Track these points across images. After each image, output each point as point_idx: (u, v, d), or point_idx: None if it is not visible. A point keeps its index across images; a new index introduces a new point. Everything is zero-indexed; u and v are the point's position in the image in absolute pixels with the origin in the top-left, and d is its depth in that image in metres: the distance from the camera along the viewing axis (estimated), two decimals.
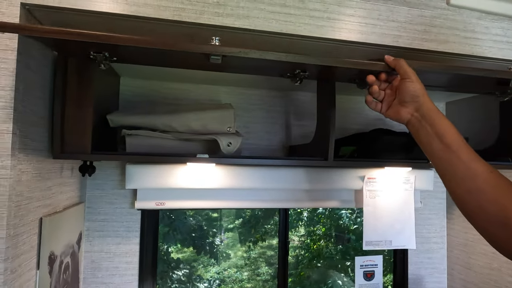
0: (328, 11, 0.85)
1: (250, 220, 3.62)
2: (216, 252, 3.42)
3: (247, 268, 3.53)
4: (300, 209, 3.46)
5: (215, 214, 3.39)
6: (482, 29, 0.96)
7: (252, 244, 3.54)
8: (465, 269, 1.50)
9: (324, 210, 3.54)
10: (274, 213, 3.36)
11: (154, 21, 0.77)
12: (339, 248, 3.54)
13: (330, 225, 3.57)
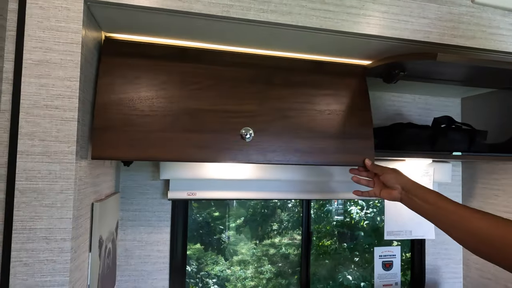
0: (364, 8, 0.90)
1: (257, 218, 3.66)
2: (223, 249, 3.47)
3: (250, 266, 3.57)
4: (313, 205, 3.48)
5: (217, 213, 3.40)
6: (507, 25, 1.01)
7: (258, 241, 3.57)
8: (481, 259, 1.55)
9: (332, 207, 3.57)
10: (277, 211, 3.40)
11: (204, 17, 0.82)
12: (346, 245, 3.58)
13: (339, 222, 3.60)
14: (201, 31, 0.90)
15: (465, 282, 1.64)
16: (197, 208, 3.18)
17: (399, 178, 0.98)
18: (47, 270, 0.71)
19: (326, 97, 1.05)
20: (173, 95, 0.93)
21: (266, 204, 3.49)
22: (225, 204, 3.46)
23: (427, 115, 1.57)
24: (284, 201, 3.41)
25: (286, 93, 1.02)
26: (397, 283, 1.60)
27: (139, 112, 0.90)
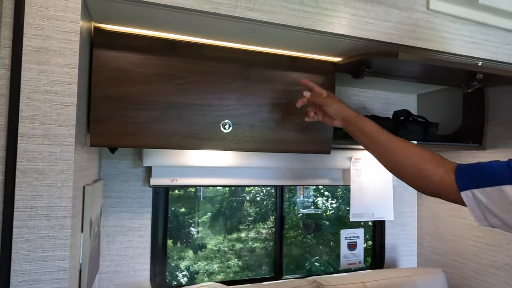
0: (337, 10, 1.01)
1: (225, 213, 3.73)
2: (192, 242, 3.50)
3: (217, 260, 3.64)
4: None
5: (183, 209, 3.41)
6: (455, 30, 1.17)
7: (225, 235, 3.61)
8: (433, 237, 1.75)
9: (298, 199, 3.72)
10: (244, 205, 3.47)
11: (196, 13, 0.89)
12: (313, 234, 3.76)
13: (305, 215, 3.75)
14: (191, 26, 0.97)
15: (419, 259, 1.83)
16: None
17: (341, 111, 1.03)
18: (48, 245, 0.75)
19: (297, 93, 1.16)
20: (161, 89, 1.00)
21: (234, 199, 3.56)
22: (193, 199, 3.49)
23: (387, 109, 1.73)
24: (253, 195, 3.50)
25: (262, 89, 1.13)
26: (361, 262, 1.77)
27: (131, 105, 0.97)
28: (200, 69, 1.04)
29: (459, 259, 1.60)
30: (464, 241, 1.59)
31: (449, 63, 1.04)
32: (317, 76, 1.19)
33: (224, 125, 1.07)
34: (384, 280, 1.43)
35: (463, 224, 1.59)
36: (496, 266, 1.44)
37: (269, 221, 3.46)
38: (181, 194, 3.22)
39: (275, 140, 1.14)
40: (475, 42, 1.20)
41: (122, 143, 0.99)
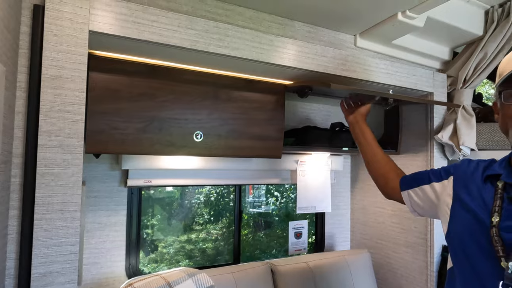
0: (286, 47, 1.31)
1: (177, 213, 3.86)
2: (144, 244, 3.57)
3: (167, 262, 3.76)
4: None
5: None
6: (374, 64, 1.53)
7: (178, 236, 3.70)
8: (363, 225, 2.14)
9: (248, 199, 3.97)
10: (196, 206, 3.60)
11: (178, 48, 1.12)
12: (263, 232, 4.05)
13: (256, 213, 4.02)
14: (172, 55, 1.20)
15: (352, 244, 2.21)
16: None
17: (361, 114, 1.41)
18: (62, 233, 0.94)
19: (255, 109, 1.44)
20: (146, 106, 1.21)
21: (186, 200, 3.69)
22: (146, 200, 3.58)
23: (328, 119, 2.08)
24: (205, 196, 3.65)
25: (228, 106, 1.38)
26: (305, 248, 2.10)
27: (120, 118, 1.17)
28: (178, 89, 1.27)
29: (381, 241, 2.00)
30: (385, 227, 1.98)
31: (367, 91, 1.38)
32: (271, 95, 1.48)
33: (196, 136, 1.31)
34: (323, 259, 1.76)
35: (385, 213, 1.99)
36: (407, 245, 1.84)
37: (221, 222, 3.65)
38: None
39: (238, 147, 1.40)
40: (389, 73, 1.57)
41: (112, 150, 1.19)
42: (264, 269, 1.60)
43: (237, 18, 1.29)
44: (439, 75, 1.73)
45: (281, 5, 1.32)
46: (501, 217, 0.83)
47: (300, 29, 1.44)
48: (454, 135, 1.67)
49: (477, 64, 1.66)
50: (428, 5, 1.31)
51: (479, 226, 0.85)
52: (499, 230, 0.81)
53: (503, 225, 0.82)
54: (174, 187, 3.09)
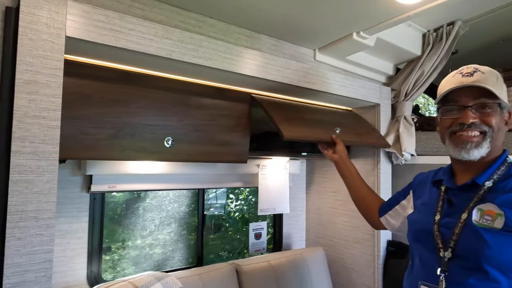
0: (255, 59, 1.40)
1: (119, 220, 3.72)
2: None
3: (111, 270, 3.63)
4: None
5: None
6: (331, 77, 1.68)
7: (122, 243, 3.56)
8: (317, 225, 2.29)
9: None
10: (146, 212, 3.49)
11: (154, 57, 1.15)
12: (217, 234, 4.08)
13: (213, 216, 4.03)
14: (146, 62, 1.22)
15: (307, 242, 2.36)
16: None
17: (343, 152, 1.53)
18: (36, 241, 0.92)
19: (223, 116, 1.50)
20: (117, 112, 1.22)
21: (137, 205, 3.57)
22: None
23: None
24: (160, 200, 3.56)
25: (198, 113, 1.43)
26: (264, 248, 2.20)
27: (91, 124, 1.16)
28: (150, 96, 1.29)
29: (333, 239, 2.17)
30: (337, 226, 2.15)
31: (318, 139, 1.57)
32: (239, 103, 1.55)
33: (167, 141, 1.34)
34: (283, 258, 1.88)
35: (337, 213, 2.16)
36: (356, 241, 2.02)
37: (170, 227, 3.61)
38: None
39: (206, 153, 1.45)
40: (344, 85, 1.73)
41: (83, 156, 1.17)
42: (229, 269, 1.66)
43: (209, 30, 1.35)
44: (385, 88, 1.95)
45: (249, 19, 1.40)
46: (441, 216, 1.00)
47: (266, 42, 1.54)
48: (397, 142, 1.89)
49: (416, 80, 1.89)
50: (378, 28, 1.48)
51: (427, 224, 1.02)
52: (439, 226, 0.98)
53: (441, 222, 0.98)
54: (123, 192, 2.98)
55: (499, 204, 0.89)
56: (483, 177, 0.96)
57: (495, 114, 0.96)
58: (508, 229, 0.86)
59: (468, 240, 0.91)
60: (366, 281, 1.94)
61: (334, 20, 1.42)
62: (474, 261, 0.88)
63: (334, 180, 2.18)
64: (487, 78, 0.96)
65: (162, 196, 3.49)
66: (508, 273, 0.85)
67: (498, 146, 0.99)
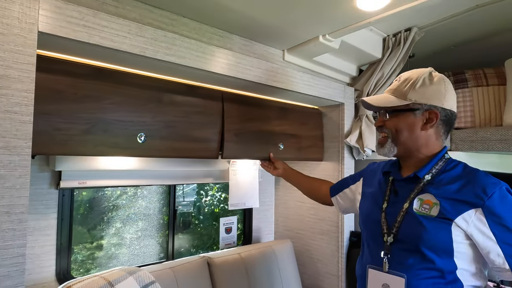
0: (227, 59, 1.45)
1: (87, 218, 3.62)
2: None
3: (75, 272, 3.53)
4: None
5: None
6: (298, 77, 1.77)
7: (86, 244, 3.45)
8: (285, 218, 2.39)
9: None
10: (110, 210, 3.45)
11: (128, 54, 1.17)
12: (187, 230, 4.08)
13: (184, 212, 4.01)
14: (121, 60, 1.24)
15: (275, 235, 2.45)
16: None
17: (284, 166, 1.77)
18: (8, 236, 0.92)
19: (196, 113, 1.54)
20: (90, 108, 1.22)
21: (99, 203, 3.46)
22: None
23: None
24: (129, 197, 3.50)
25: (170, 110, 1.45)
26: (234, 242, 2.26)
27: (63, 120, 1.16)
28: (124, 92, 1.31)
29: (301, 232, 2.27)
30: (304, 219, 2.26)
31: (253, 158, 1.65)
32: (211, 100, 1.59)
33: (140, 137, 1.36)
34: (252, 250, 1.95)
35: (304, 207, 2.26)
36: (322, 233, 2.14)
37: (136, 225, 3.55)
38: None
39: (179, 149, 1.49)
40: (311, 85, 1.82)
41: (55, 151, 1.17)
42: (201, 262, 1.71)
43: (182, 28, 1.38)
44: (348, 88, 2.07)
45: (221, 19, 1.45)
46: (387, 204, 1.12)
47: (238, 42, 1.59)
48: (359, 139, 2.01)
49: (377, 81, 2.03)
50: (342, 32, 1.58)
51: (375, 213, 1.14)
52: (386, 214, 1.11)
53: (387, 210, 1.11)
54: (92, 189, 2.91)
55: (435, 194, 1.03)
56: (423, 171, 1.09)
57: (392, 119, 1.11)
58: (442, 216, 0.99)
59: (409, 226, 1.03)
60: (331, 270, 2.06)
61: (302, 23, 1.51)
62: (413, 244, 1.01)
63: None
64: (397, 86, 1.12)
65: (132, 192, 3.45)
66: (440, 254, 0.99)
67: (419, 145, 1.10)
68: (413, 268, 1.01)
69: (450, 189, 1.02)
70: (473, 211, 0.97)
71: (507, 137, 1.60)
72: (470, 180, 1.02)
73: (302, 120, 2.03)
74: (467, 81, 2.02)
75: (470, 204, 0.97)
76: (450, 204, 0.99)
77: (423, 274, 1.00)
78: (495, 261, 0.97)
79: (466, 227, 0.97)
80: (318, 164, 2.17)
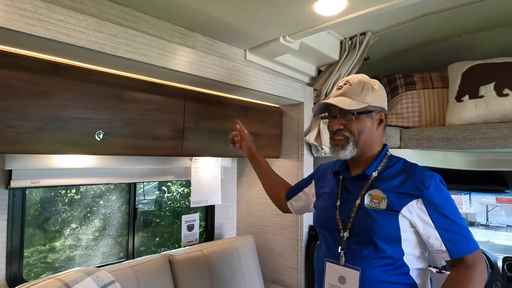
0: (190, 57, 1.45)
1: (37, 219, 3.42)
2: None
3: (27, 276, 3.34)
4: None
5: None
6: (260, 76, 1.81)
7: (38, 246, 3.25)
8: (247, 215, 2.43)
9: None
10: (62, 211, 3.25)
11: (86, 50, 1.14)
12: (145, 231, 3.99)
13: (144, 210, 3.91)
14: (79, 56, 1.20)
15: (237, 232, 2.49)
16: None
17: (251, 148, 1.64)
18: None
19: (157, 111, 1.52)
20: (45, 105, 1.18)
21: (50, 203, 3.28)
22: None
23: None
24: (87, 196, 3.35)
25: (131, 107, 1.43)
26: (197, 239, 2.27)
27: (16, 116, 1.12)
28: (82, 89, 1.27)
29: (262, 227, 2.32)
30: (265, 214, 2.32)
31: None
32: (172, 98, 1.59)
33: (98, 135, 1.33)
34: (215, 246, 1.97)
35: (265, 203, 2.32)
36: (282, 227, 2.21)
37: (93, 225, 3.42)
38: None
39: (139, 146, 1.47)
40: (272, 84, 1.87)
41: (6, 150, 1.11)
42: (162, 260, 1.70)
43: (143, 25, 1.37)
44: (308, 88, 2.14)
45: (183, 17, 1.45)
46: (340, 202, 1.20)
47: (200, 40, 1.60)
48: (318, 137, 2.10)
49: (335, 81, 2.12)
50: (302, 34, 1.65)
51: (330, 211, 1.21)
52: (340, 211, 1.18)
53: (341, 208, 1.19)
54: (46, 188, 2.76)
55: (383, 189, 1.12)
56: (370, 169, 1.18)
57: (355, 121, 1.15)
58: (389, 208, 1.09)
59: (362, 220, 1.12)
60: (291, 264, 2.13)
61: (263, 24, 1.55)
62: (367, 236, 1.10)
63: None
64: (350, 90, 1.17)
65: (90, 191, 3.31)
66: (390, 243, 1.08)
67: (372, 144, 1.19)
68: (367, 258, 1.09)
69: (394, 183, 1.12)
70: (414, 201, 1.08)
71: (449, 136, 1.76)
72: (410, 174, 1.13)
73: (262, 119, 2.08)
74: (415, 83, 2.18)
75: (412, 195, 1.08)
76: (395, 197, 1.09)
77: (375, 263, 1.09)
78: (434, 244, 1.08)
79: (410, 216, 1.08)
80: (276, 161, 2.23)
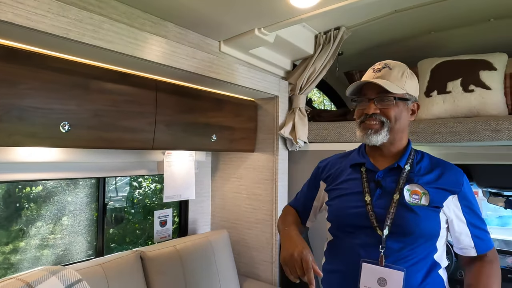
0: (161, 46, 1.40)
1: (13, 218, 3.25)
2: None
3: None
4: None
5: None
6: (236, 68, 1.78)
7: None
8: (221, 209, 2.41)
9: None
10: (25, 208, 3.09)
11: (47, 35, 1.07)
12: (120, 225, 3.89)
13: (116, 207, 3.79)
14: (41, 42, 1.13)
15: (212, 227, 2.46)
16: None
17: (303, 243, 1.24)
18: None
19: (127, 102, 1.47)
20: (3, 93, 1.10)
21: (11, 200, 3.11)
22: None
23: None
24: (52, 192, 3.20)
25: (99, 98, 1.37)
26: (170, 235, 2.22)
27: None
28: (43, 77, 1.19)
29: (237, 222, 2.31)
30: (240, 209, 2.30)
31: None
32: (144, 89, 1.53)
33: (63, 126, 1.26)
34: (188, 242, 1.93)
35: (240, 197, 2.30)
36: (257, 222, 2.20)
37: (60, 223, 3.28)
38: None
39: (109, 139, 1.41)
40: (247, 77, 1.85)
41: None
42: (133, 257, 1.65)
43: (111, 12, 1.30)
44: (283, 82, 2.14)
45: (154, 5, 1.40)
46: (371, 197, 1.08)
47: (172, 30, 1.55)
48: (293, 131, 2.10)
49: (309, 75, 2.13)
50: (277, 26, 1.63)
51: (357, 205, 1.09)
52: (373, 207, 1.07)
53: (375, 203, 1.07)
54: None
55: (422, 184, 1.06)
56: (403, 160, 1.10)
57: (393, 106, 1.07)
58: (432, 204, 1.04)
59: (403, 217, 1.03)
60: (265, 257, 2.13)
61: (238, 15, 1.52)
62: (409, 234, 1.02)
63: (238, 166, 2.31)
64: (390, 74, 1.08)
65: (56, 187, 3.16)
66: (428, 240, 1.04)
67: (400, 135, 1.11)
68: (408, 258, 1.02)
69: (431, 178, 1.07)
70: (451, 197, 1.05)
71: (418, 130, 1.80)
72: (445, 169, 1.10)
73: (237, 112, 2.05)
74: None
75: (449, 191, 1.06)
76: (435, 193, 1.05)
77: (416, 263, 1.02)
78: (464, 240, 1.07)
79: (448, 213, 1.06)
80: (250, 155, 2.22)
